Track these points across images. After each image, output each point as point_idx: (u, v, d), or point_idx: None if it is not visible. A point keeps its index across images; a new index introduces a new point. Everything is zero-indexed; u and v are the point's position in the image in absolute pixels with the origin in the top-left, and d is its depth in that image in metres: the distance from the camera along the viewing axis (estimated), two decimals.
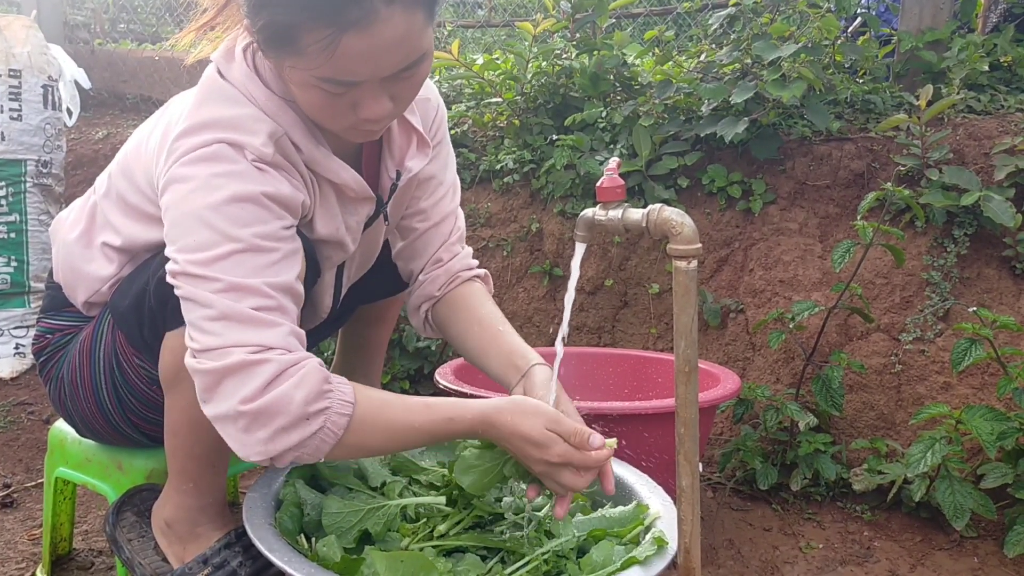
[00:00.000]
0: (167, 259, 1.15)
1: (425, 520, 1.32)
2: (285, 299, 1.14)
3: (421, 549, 1.24)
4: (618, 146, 2.63)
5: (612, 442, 1.21)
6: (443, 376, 1.89)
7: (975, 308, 1.94)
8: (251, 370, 1.07)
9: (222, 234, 1.11)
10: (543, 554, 1.24)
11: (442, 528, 1.28)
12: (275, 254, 1.14)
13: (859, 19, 3.20)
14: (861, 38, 2.94)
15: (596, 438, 1.19)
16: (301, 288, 1.18)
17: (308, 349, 2.07)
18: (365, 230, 1.43)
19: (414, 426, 1.17)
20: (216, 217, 1.12)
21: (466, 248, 1.61)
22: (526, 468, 1.21)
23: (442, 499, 1.34)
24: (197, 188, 1.13)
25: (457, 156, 2.86)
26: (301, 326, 1.37)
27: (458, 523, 1.30)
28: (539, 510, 1.33)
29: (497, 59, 3.13)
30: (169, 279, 1.14)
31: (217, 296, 1.09)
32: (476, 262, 1.60)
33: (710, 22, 2.83)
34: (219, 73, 1.23)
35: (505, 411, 1.18)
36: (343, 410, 1.11)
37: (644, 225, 1.16)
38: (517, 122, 2.86)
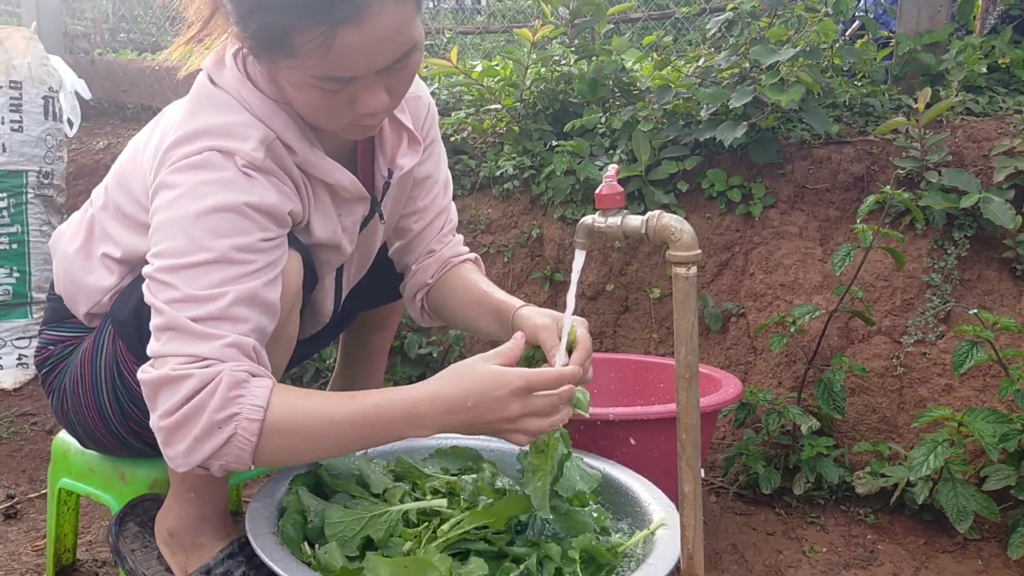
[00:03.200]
0: None
1: (426, 524, 1.32)
2: (243, 309, 1.13)
3: (425, 550, 1.24)
4: (617, 151, 2.63)
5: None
6: None
7: (976, 310, 1.94)
8: (174, 385, 1.08)
9: (197, 243, 1.12)
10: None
11: (445, 528, 1.28)
12: (248, 266, 1.14)
13: (857, 22, 3.20)
14: (859, 41, 2.94)
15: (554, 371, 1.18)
16: (273, 298, 1.18)
17: (311, 355, 2.10)
18: (361, 231, 1.44)
19: (336, 419, 1.13)
20: (196, 226, 1.13)
21: (457, 236, 1.65)
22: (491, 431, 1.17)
23: (443, 502, 1.34)
24: (183, 195, 1.15)
25: (457, 162, 2.88)
26: (303, 332, 1.38)
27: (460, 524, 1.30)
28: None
29: (496, 65, 3.14)
30: (143, 284, 1.16)
31: (168, 305, 1.11)
32: (467, 248, 1.65)
33: (708, 27, 2.83)
34: (210, 80, 1.24)
35: (440, 378, 1.17)
36: (252, 415, 1.10)
37: (643, 232, 1.16)
38: (516, 128, 2.86)
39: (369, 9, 1.04)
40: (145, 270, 1.16)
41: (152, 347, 1.12)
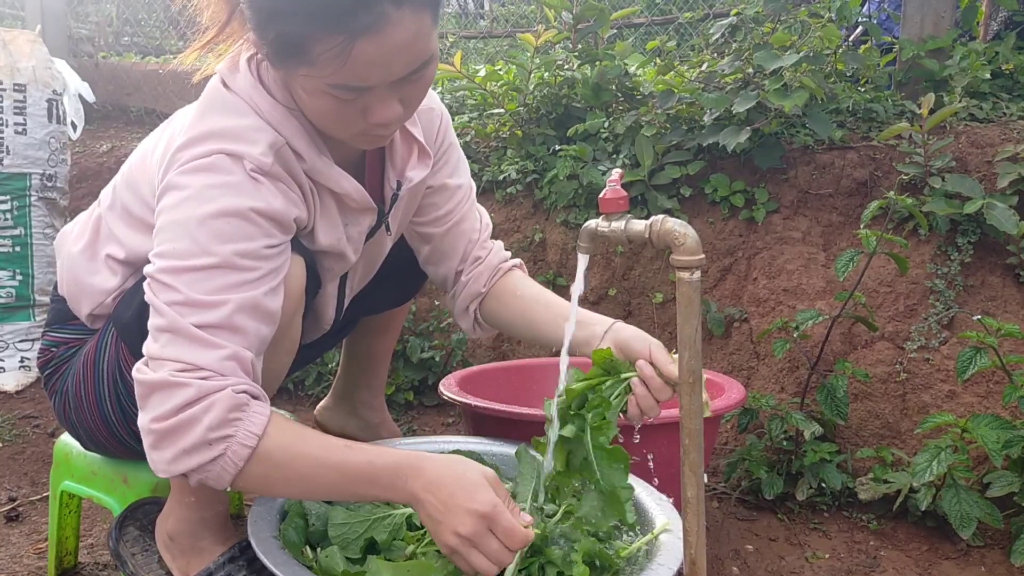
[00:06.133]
0: None
1: None
2: (245, 319, 1.13)
3: (425, 554, 1.23)
4: (620, 156, 2.63)
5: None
6: (447, 387, 1.88)
7: (979, 316, 1.93)
8: (171, 390, 1.08)
9: (201, 247, 1.12)
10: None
11: None
12: (250, 273, 1.14)
13: (860, 28, 3.21)
14: (862, 47, 2.94)
15: (526, 516, 1.14)
16: (274, 307, 1.18)
17: (313, 360, 2.10)
18: (367, 241, 1.44)
19: (327, 464, 1.13)
20: (200, 229, 1.13)
21: (498, 242, 1.62)
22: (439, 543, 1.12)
23: None
24: (189, 197, 1.15)
25: None
26: (304, 337, 1.38)
27: None
28: (552, 516, 1.33)
29: (499, 70, 3.14)
30: (145, 283, 1.16)
31: (170, 307, 1.11)
32: (509, 253, 1.62)
33: (711, 32, 2.84)
34: (223, 83, 1.24)
35: (434, 459, 1.14)
36: (246, 441, 1.10)
37: (647, 236, 1.16)
38: (520, 133, 2.87)
39: (388, 20, 1.04)
40: (147, 269, 1.16)
41: (149, 347, 1.12)
